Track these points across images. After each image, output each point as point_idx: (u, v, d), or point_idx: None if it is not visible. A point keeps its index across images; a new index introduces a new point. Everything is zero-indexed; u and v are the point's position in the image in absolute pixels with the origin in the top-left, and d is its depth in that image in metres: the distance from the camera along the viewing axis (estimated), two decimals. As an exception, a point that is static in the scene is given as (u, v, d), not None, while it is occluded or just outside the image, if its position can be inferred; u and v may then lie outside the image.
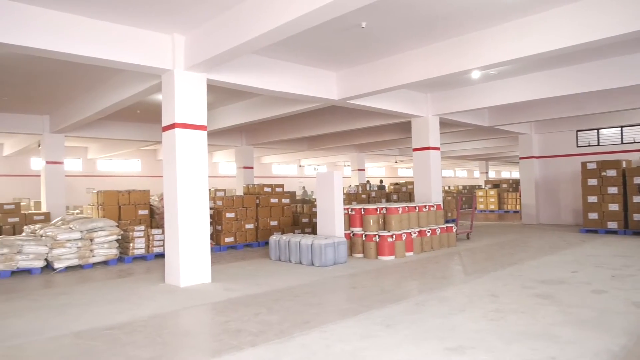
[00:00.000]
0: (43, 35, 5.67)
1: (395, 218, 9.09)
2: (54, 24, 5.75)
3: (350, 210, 9.26)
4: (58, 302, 5.84)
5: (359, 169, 23.86)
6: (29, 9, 5.58)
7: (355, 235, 9.10)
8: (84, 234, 8.46)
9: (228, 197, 11.28)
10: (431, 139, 11.15)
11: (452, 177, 44.11)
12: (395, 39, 7.24)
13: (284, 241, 8.69)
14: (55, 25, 5.76)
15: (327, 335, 4.21)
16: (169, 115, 6.83)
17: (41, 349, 4.11)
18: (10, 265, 7.64)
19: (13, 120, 12.32)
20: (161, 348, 4.00)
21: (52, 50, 5.76)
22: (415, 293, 5.92)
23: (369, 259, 8.77)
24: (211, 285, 6.62)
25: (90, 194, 11.56)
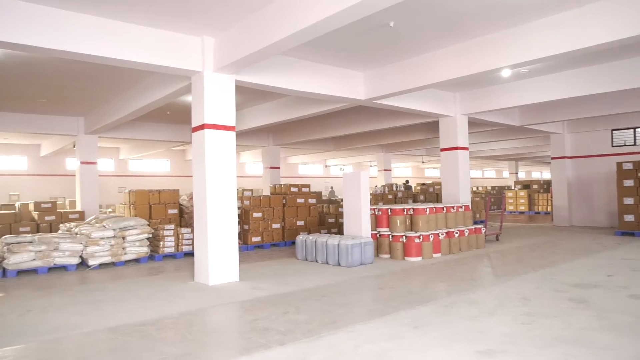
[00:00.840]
0: (78, 40, 5.86)
1: (423, 219, 9.00)
2: (88, 28, 5.94)
3: (377, 211, 9.22)
4: (93, 298, 6.03)
5: (385, 169, 23.72)
6: (63, 14, 5.77)
7: (382, 235, 9.05)
8: (117, 232, 8.70)
9: (255, 196, 11.40)
10: (459, 138, 10.98)
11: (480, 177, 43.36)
12: (424, 37, 7.18)
13: (311, 241, 8.72)
14: (89, 29, 5.95)
15: (354, 336, 4.21)
16: (199, 116, 6.96)
17: (78, 343, 4.25)
18: (47, 262, 7.93)
19: (50, 122, 12.77)
20: (191, 345, 4.09)
21: (87, 53, 5.94)
22: (444, 295, 5.85)
23: (395, 259, 8.71)
24: (239, 284, 6.70)
25: (122, 193, 11.89)
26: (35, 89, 9.84)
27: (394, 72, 8.41)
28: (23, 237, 8.01)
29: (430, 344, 3.98)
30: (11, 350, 4.05)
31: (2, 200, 18.14)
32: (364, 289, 6.37)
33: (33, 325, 4.83)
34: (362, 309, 5.33)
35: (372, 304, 5.51)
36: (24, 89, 9.86)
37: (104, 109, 11.58)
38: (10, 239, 7.93)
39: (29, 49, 5.72)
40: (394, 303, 5.40)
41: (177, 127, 15.29)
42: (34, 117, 12.54)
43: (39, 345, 4.19)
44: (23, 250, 7.73)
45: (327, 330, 4.38)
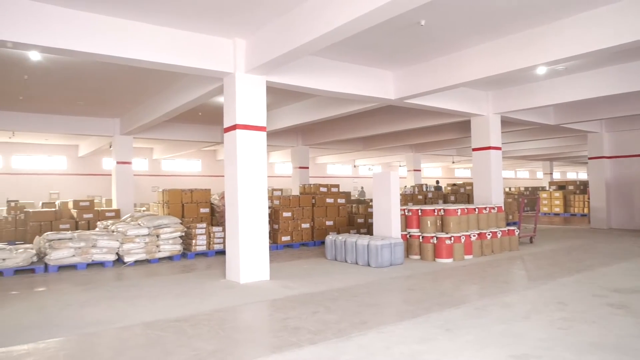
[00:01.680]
0: (114, 43, 6.05)
1: (454, 220, 8.87)
2: (124, 32, 6.12)
3: (407, 211, 9.14)
4: (129, 293, 6.21)
5: (414, 169, 23.47)
6: (99, 19, 5.97)
7: (412, 236, 8.97)
8: (151, 230, 8.93)
9: (285, 196, 11.49)
10: (492, 138, 10.77)
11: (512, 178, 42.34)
12: (455, 35, 7.08)
13: (340, 241, 8.72)
14: (125, 32, 6.13)
15: (385, 337, 4.19)
16: (231, 116, 7.07)
17: (115, 337, 4.39)
18: (86, 258, 8.22)
19: (88, 123, 13.22)
20: (224, 341, 4.16)
21: (123, 56, 6.13)
22: (476, 297, 5.75)
23: (426, 261, 8.62)
24: (269, 283, 6.78)
25: (156, 192, 12.19)
26: (74, 91, 10.21)
27: (424, 71, 8.32)
28: (63, 234, 8.33)
29: (463, 347, 3.92)
30: (54, 343, 4.22)
31: (43, 198, 18.89)
32: (394, 290, 6.33)
33: (73, 319, 5.02)
34: (392, 310, 5.30)
35: (403, 305, 5.48)
36: (64, 92, 10.24)
37: (139, 111, 11.90)
38: (52, 235, 8.26)
39: (68, 52, 5.95)
40: (425, 305, 5.34)
41: (208, 128, 15.57)
42: (73, 118, 13.01)
43: (78, 338, 4.35)
44: (63, 246, 8.04)
45: (358, 331, 4.37)
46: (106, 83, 9.57)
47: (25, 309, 5.50)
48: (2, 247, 7.97)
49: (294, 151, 18.36)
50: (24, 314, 5.24)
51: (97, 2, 5.66)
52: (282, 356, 3.76)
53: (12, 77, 8.90)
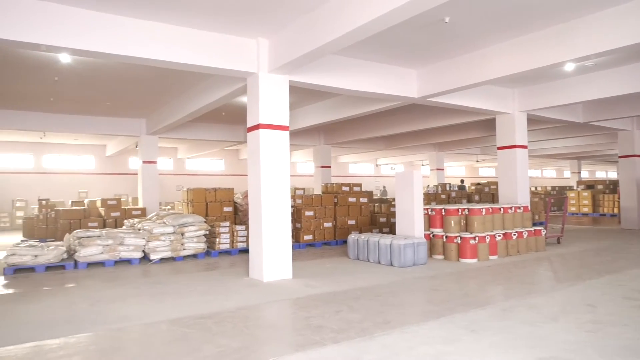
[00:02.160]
0: (140, 45, 6.17)
1: (478, 219, 8.74)
2: (149, 34, 6.24)
3: (430, 211, 9.05)
4: (155, 290, 6.34)
5: (437, 168, 23.23)
6: (127, 21, 6.10)
7: (436, 236, 8.88)
8: (176, 228, 9.08)
9: (307, 195, 11.52)
10: (518, 136, 10.57)
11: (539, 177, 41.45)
12: (481, 32, 6.97)
13: (363, 240, 8.70)
14: (151, 34, 6.25)
15: (409, 337, 4.17)
16: (254, 116, 7.13)
17: (142, 332, 4.49)
18: (114, 255, 8.42)
19: (115, 124, 13.53)
20: (248, 339, 4.20)
21: (149, 58, 6.25)
22: (501, 298, 5.66)
23: (449, 261, 8.52)
24: (292, 282, 6.81)
25: (181, 191, 12.39)
26: (102, 92, 10.46)
27: (448, 68, 8.22)
28: (92, 232, 8.55)
29: (488, 348, 3.87)
30: (84, 337, 4.34)
31: (72, 197, 19.42)
32: (417, 290, 6.28)
33: (102, 314, 5.15)
34: (416, 310, 5.26)
35: (427, 306, 5.43)
36: (92, 93, 10.50)
37: (164, 111, 12.11)
38: (81, 233, 8.49)
39: (97, 54, 6.10)
40: (449, 305, 5.29)
41: (231, 128, 15.74)
42: (101, 119, 13.34)
43: (107, 334, 4.46)
44: (92, 244, 8.25)
45: (381, 330, 4.36)
46: (133, 84, 9.78)
47: (56, 304, 5.67)
48: (34, 245, 8.23)
49: (316, 150, 18.39)
50: (55, 309, 5.41)
51: (125, 5, 5.79)
52: (305, 354, 3.78)
53: (43, 79, 9.17)
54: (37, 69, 8.47)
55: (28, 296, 6.12)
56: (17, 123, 12.39)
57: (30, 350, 4.00)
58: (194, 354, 3.82)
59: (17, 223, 17.85)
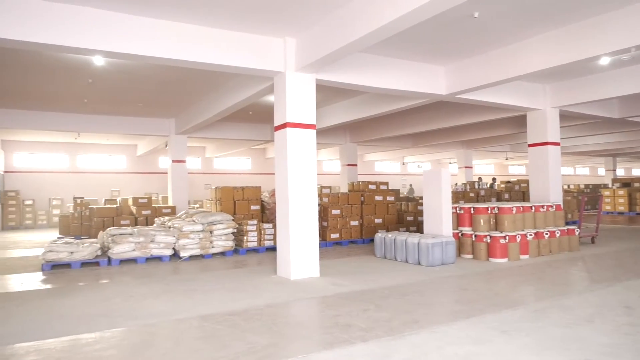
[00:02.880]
0: (171, 46, 6.30)
1: (509, 218, 8.56)
2: (179, 35, 6.36)
3: (459, 209, 8.92)
4: (185, 287, 6.46)
5: (465, 166, 22.85)
6: (159, 23, 6.23)
7: (464, 235, 8.74)
8: (205, 226, 9.23)
9: (334, 194, 11.53)
10: (550, 133, 10.30)
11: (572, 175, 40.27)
12: (511, 27, 6.82)
13: (390, 239, 8.65)
14: (181, 36, 6.37)
15: (438, 337, 4.12)
16: (281, 115, 7.17)
17: (173, 328, 4.58)
18: (145, 252, 8.62)
19: (146, 124, 13.86)
20: (277, 336, 4.24)
21: (179, 59, 6.37)
22: (533, 299, 5.53)
23: (479, 260, 8.38)
24: (319, 280, 6.83)
25: (209, 190, 12.59)
26: (133, 93, 10.72)
27: (477, 64, 8.08)
28: (124, 230, 8.78)
29: (520, 350, 3.79)
30: (118, 332, 4.47)
31: (105, 195, 20.00)
32: (446, 290, 6.20)
33: (135, 310, 5.29)
34: (445, 309, 5.20)
35: (456, 305, 5.36)
36: (124, 94, 10.78)
37: (193, 111, 12.32)
38: (114, 230, 8.73)
39: (129, 56, 6.26)
40: (479, 305, 5.20)
41: (258, 126, 15.88)
42: (132, 119, 13.68)
43: (140, 329, 4.58)
44: (125, 241, 8.48)
45: (410, 330, 4.33)
46: (163, 85, 9.99)
47: (92, 299, 5.85)
48: (70, 242, 8.51)
49: (342, 149, 18.37)
50: (91, 304, 5.58)
51: (155, 8, 5.92)
52: (333, 352, 3.79)
53: (77, 81, 9.47)
54: (72, 71, 8.75)
55: (65, 291, 6.34)
56: (53, 124, 12.83)
57: (68, 343, 4.14)
58: (224, 350, 3.88)
59: (53, 220, 18.50)
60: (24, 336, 4.35)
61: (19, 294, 6.23)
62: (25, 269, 8.14)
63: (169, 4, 5.81)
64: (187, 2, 5.80)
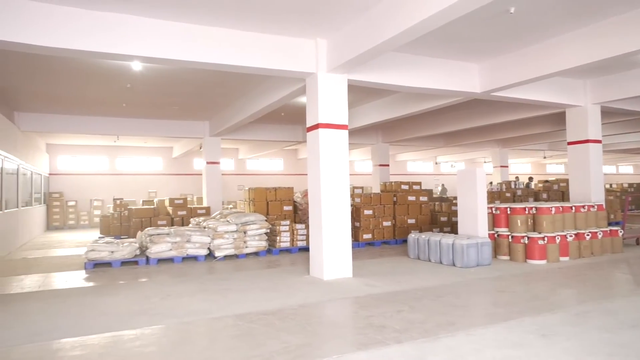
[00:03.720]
0: (206, 50, 6.43)
1: (547, 219, 8.30)
2: (215, 39, 6.49)
3: (495, 209, 8.72)
4: (220, 286, 6.59)
5: (501, 165, 22.30)
6: (192, 28, 6.38)
7: (501, 236, 8.54)
8: (239, 226, 9.38)
9: (366, 194, 11.48)
10: (590, 130, 9.93)
11: (614, 173, 38.65)
12: (548, 22, 6.62)
13: (423, 240, 8.55)
14: (216, 40, 6.49)
15: (474, 339, 4.05)
16: (313, 116, 7.21)
17: (209, 326, 4.68)
18: (181, 252, 8.84)
19: (181, 127, 14.20)
20: (311, 336, 4.27)
21: (215, 62, 6.50)
22: (574, 302, 5.35)
23: (516, 262, 8.16)
24: (352, 280, 6.82)
25: (242, 191, 12.77)
26: (169, 97, 11.01)
27: (514, 61, 7.88)
28: (161, 230, 9.02)
29: (561, 355, 3.67)
30: (157, 329, 4.60)
31: (143, 196, 20.59)
32: (482, 292, 6.08)
33: (172, 308, 5.43)
34: (481, 312, 5.10)
35: (492, 308, 5.24)
36: (161, 98, 11.08)
37: (227, 113, 12.54)
38: (152, 230, 8.98)
39: (166, 61, 6.43)
40: (517, 308, 5.07)
41: (290, 128, 16.00)
42: (168, 122, 14.04)
43: (177, 326, 4.70)
44: (162, 241, 8.71)
45: (445, 332, 4.27)
46: (198, 88, 10.21)
47: (132, 297, 6.04)
48: (110, 241, 8.82)
49: (374, 149, 18.28)
50: (131, 302, 5.77)
51: (189, 13, 6.06)
52: (368, 353, 3.78)
53: (117, 86, 9.80)
54: (111, 77, 9.06)
55: (107, 289, 6.58)
56: (94, 128, 13.33)
57: (110, 339, 4.30)
58: (259, 349, 3.93)
59: (94, 221, 19.20)
60: (70, 332, 4.54)
61: (64, 291, 6.50)
62: (69, 267, 8.49)
63: (203, 10, 5.94)
64: (221, 8, 5.91)
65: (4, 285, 6.98)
